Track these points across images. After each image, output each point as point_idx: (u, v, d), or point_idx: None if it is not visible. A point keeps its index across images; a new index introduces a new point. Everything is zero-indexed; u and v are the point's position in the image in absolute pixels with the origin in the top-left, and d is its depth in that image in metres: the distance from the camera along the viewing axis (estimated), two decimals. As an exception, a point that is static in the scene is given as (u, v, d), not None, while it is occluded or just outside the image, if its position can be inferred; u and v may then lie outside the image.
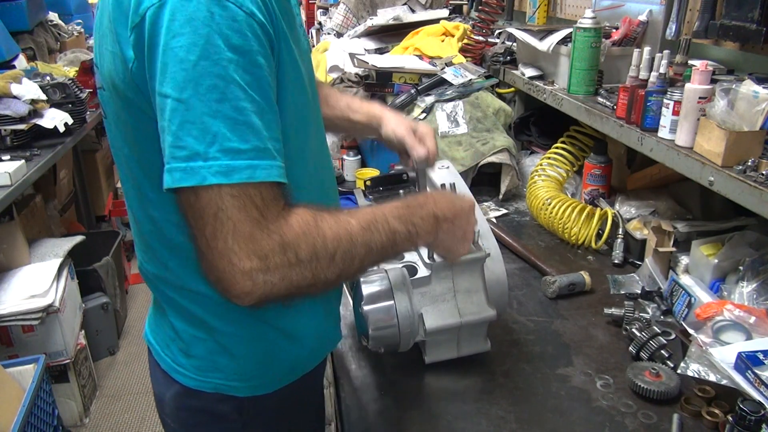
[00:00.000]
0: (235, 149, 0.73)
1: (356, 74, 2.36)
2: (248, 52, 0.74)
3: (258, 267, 0.74)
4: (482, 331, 1.15)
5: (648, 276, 1.44)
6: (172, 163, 0.73)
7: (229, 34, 0.72)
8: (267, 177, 0.75)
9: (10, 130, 2.57)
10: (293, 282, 0.78)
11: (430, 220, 0.93)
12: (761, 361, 1.00)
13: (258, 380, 1.00)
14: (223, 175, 0.72)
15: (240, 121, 0.73)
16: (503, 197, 1.97)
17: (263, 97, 0.76)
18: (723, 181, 1.15)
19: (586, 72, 1.66)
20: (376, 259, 0.89)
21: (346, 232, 0.82)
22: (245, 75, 0.73)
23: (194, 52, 0.71)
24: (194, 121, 0.71)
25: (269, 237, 0.75)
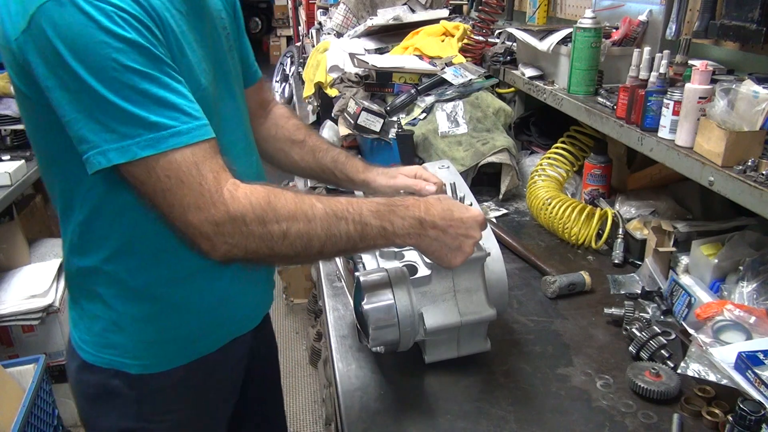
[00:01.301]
0: (152, 122, 0.82)
1: (356, 74, 2.36)
2: (132, 39, 0.82)
3: (212, 231, 0.84)
4: (482, 330, 1.15)
5: (648, 276, 1.44)
6: (104, 146, 0.82)
7: (109, 28, 0.80)
8: (191, 139, 0.84)
9: (10, 130, 2.58)
10: (249, 249, 0.87)
11: (412, 222, 0.95)
12: (761, 361, 1.00)
13: (149, 359, 1.06)
14: (151, 146, 0.82)
15: (147, 101, 0.82)
16: (503, 197, 1.97)
17: (162, 72, 0.85)
18: (723, 181, 1.15)
19: (586, 72, 1.66)
20: (343, 247, 0.93)
21: (303, 213, 0.88)
22: (138, 57, 0.82)
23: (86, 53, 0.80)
24: (108, 110, 0.81)
25: (215, 207, 0.84)
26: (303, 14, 5.49)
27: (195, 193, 0.83)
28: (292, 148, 1.33)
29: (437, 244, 0.98)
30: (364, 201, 0.94)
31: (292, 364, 3.22)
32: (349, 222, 0.90)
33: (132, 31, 0.82)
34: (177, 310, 1.05)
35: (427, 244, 0.98)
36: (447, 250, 0.99)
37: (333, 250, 0.92)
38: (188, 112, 0.85)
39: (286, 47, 8.78)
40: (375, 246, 0.97)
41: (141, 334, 1.04)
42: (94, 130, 0.82)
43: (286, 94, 6.37)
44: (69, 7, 0.79)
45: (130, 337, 1.04)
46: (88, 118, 0.82)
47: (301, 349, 3.34)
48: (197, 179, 0.84)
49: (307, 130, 1.36)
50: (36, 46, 0.81)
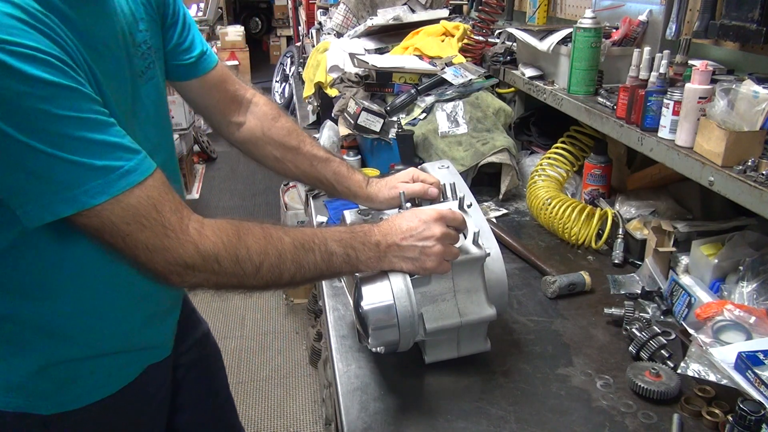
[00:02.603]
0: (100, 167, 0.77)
1: (356, 74, 2.36)
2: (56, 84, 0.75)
3: (182, 270, 0.82)
4: (482, 330, 1.15)
5: (648, 276, 1.44)
6: (46, 198, 0.76)
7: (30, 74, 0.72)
8: (141, 175, 0.80)
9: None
10: (220, 285, 0.87)
11: (370, 246, 0.99)
12: (761, 361, 1.00)
13: (61, 397, 1.00)
14: (102, 193, 0.77)
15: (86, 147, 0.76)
16: (503, 197, 1.97)
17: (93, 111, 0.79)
18: (723, 181, 1.15)
19: (586, 72, 1.66)
20: (311, 276, 0.95)
21: (274, 248, 0.88)
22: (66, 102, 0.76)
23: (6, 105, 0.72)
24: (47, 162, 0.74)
25: (183, 248, 0.82)
26: (303, 14, 5.49)
27: (159, 235, 0.80)
28: (285, 155, 1.28)
29: (397, 259, 1.01)
30: (327, 231, 0.97)
31: (292, 364, 3.22)
32: (316, 253, 0.93)
33: (55, 74, 0.75)
34: (83, 346, 0.99)
35: (391, 263, 1.01)
36: (411, 261, 1.01)
37: (300, 280, 0.94)
38: (127, 146, 0.81)
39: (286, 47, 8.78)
40: (340, 273, 1.01)
41: (42, 379, 0.97)
42: (31, 182, 0.76)
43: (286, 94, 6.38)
44: None
45: (32, 381, 0.97)
46: (21, 172, 0.75)
47: (301, 349, 3.34)
48: (159, 221, 0.80)
49: (299, 134, 1.30)
50: None
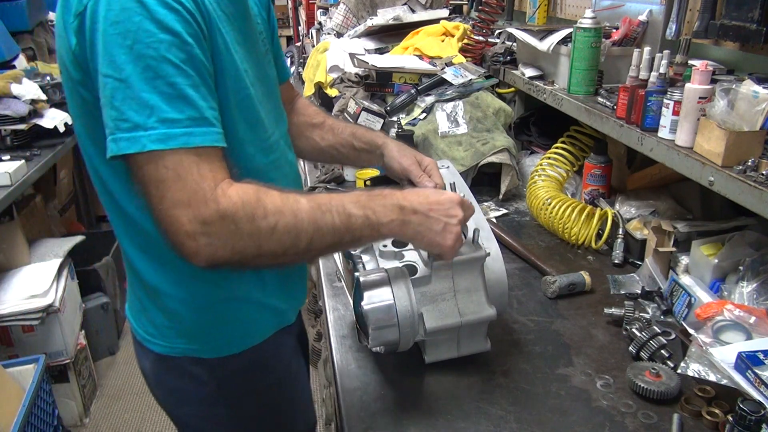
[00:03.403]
0: (171, 119, 0.81)
1: (356, 74, 2.36)
2: (179, 33, 0.82)
3: (199, 230, 0.82)
4: (482, 330, 1.15)
5: (648, 276, 1.44)
6: (117, 134, 0.81)
7: (160, 18, 0.81)
8: (203, 142, 0.84)
9: (10, 130, 2.58)
10: (236, 249, 0.85)
11: (393, 208, 0.96)
12: (761, 361, 1.00)
13: (216, 342, 1.07)
14: (161, 141, 0.81)
15: (173, 95, 0.82)
16: (503, 197, 1.97)
17: (197, 72, 0.84)
18: (723, 181, 1.15)
19: (586, 72, 1.66)
20: (330, 241, 0.92)
21: (290, 207, 0.88)
22: (179, 53, 0.82)
23: (129, 37, 0.80)
24: (134, 97, 0.80)
25: (206, 205, 0.82)
26: (303, 14, 5.49)
27: (189, 190, 0.82)
28: (313, 131, 1.35)
29: (422, 228, 0.98)
30: (344, 194, 0.95)
31: (292, 364, 3.21)
32: (333, 214, 0.90)
33: (181, 24, 0.82)
34: (231, 294, 1.06)
35: (412, 230, 0.98)
36: (434, 233, 0.99)
37: (320, 244, 0.91)
38: (207, 116, 0.85)
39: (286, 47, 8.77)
40: (361, 238, 0.97)
41: (205, 320, 1.05)
42: (111, 116, 0.82)
43: (286, 94, 6.37)
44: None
45: (195, 324, 1.05)
46: (110, 103, 0.82)
47: (301, 349, 3.33)
48: (195, 177, 0.83)
49: (325, 114, 1.39)
50: (87, 25, 0.82)
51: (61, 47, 0.90)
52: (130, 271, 1.08)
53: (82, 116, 0.94)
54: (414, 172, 1.22)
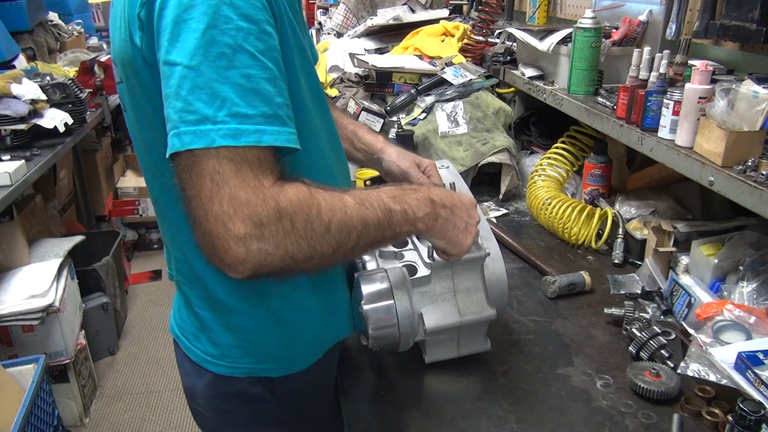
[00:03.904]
0: (243, 114, 0.74)
1: (356, 74, 2.36)
2: (258, 21, 0.76)
3: (252, 233, 0.74)
4: (482, 330, 1.15)
5: (648, 276, 1.44)
6: (182, 127, 0.74)
7: (238, 3, 0.74)
8: (274, 141, 0.76)
9: (10, 130, 2.57)
10: (288, 252, 0.77)
11: (426, 202, 0.94)
12: (761, 361, 1.00)
13: (286, 359, 1.02)
14: (232, 137, 0.73)
15: (247, 87, 0.75)
16: (503, 197, 1.97)
17: (275, 64, 0.78)
18: (723, 181, 1.15)
19: (586, 72, 1.66)
20: (374, 237, 0.88)
21: (340, 203, 0.83)
22: (257, 42, 0.76)
23: (203, 21, 0.73)
24: (203, 87, 0.73)
25: (265, 203, 0.75)
26: (303, 14, 5.48)
27: (249, 186, 0.74)
28: None
29: (448, 224, 0.97)
30: (378, 189, 0.91)
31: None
32: (376, 209, 0.87)
33: (261, 11, 0.77)
34: (301, 309, 1.01)
35: (441, 225, 0.96)
36: (458, 231, 0.99)
37: (366, 241, 0.87)
38: (280, 114, 0.78)
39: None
40: (400, 233, 0.94)
41: (274, 336, 1.00)
42: (176, 107, 0.74)
43: (286, 94, 6.37)
44: None
45: (268, 341, 1.00)
46: (176, 92, 0.74)
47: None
48: (257, 173, 0.75)
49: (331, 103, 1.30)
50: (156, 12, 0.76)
51: (124, 52, 0.84)
52: (195, 287, 1.00)
53: (152, 128, 0.88)
54: (413, 173, 1.22)
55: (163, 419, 2.70)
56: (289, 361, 1.03)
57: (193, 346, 1.04)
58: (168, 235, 1.01)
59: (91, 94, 3.20)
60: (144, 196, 4.06)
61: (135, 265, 4.03)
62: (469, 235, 1.01)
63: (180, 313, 1.08)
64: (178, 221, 0.94)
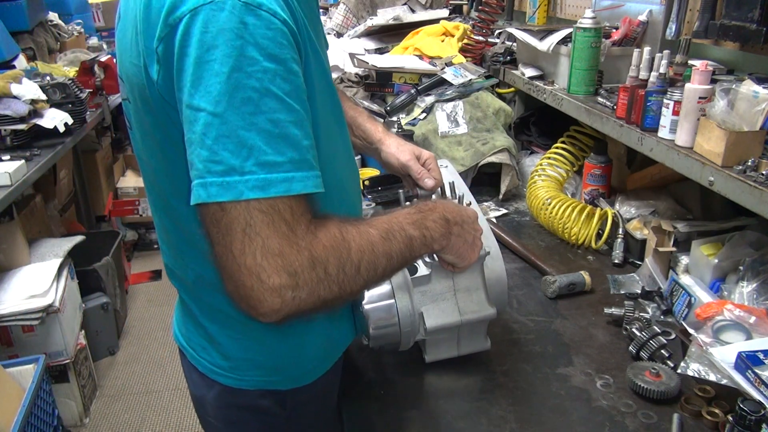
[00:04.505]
0: (270, 162, 0.71)
1: (356, 74, 2.36)
2: (285, 60, 0.73)
3: (287, 284, 0.72)
4: (482, 329, 1.15)
5: (648, 276, 1.44)
6: (208, 178, 0.71)
7: (264, 43, 0.71)
8: (303, 189, 0.74)
9: (10, 130, 2.57)
10: (321, 297, 0.76)
11: (441, 222, 0.95)
12: (761, 361, 1.00)
13: (295, 371, 1.01)
14: (260, 189, 0.71)
15: (275, 133, 0.72)
16: (503, 197, 1.97)
17: (301, 105, 0.75)
18: (723, 181, 1.15)
19: (586, 72, 1.66)
20: (396, 267, 0.88)
21: (368, 242, 0.82)
22: (284, 84, 0.72)
23: (227, 64, 0.69)
24: (229, 135, 0.70)
25: (299, 253, 0.73)
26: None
27: (281, 236, 0.72)
28: None
29: (459, 240, 0.99)
30: (399, 215, 0.91)
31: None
32: (398, 240, 0.86)
33: (287, 49, 0.73)
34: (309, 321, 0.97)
35: (453, 242, 0.98)
36: (467, 245, 1.01)
37: (388, 271, 0.87)
38: (308, 158, 0.75)
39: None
40: (418, 257, 0.95)
41: (285, 349, 0.99)
42: (201, 156, 0.71)
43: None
44: (227, 12, 0.69)
45: (275, 353, 0.99)
46: (201, 141, 0.71)
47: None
48: (289, 223, 0.73)
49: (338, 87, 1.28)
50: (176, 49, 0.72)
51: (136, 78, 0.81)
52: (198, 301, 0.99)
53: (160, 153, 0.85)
54: (413, 167, 1.21)
55: (163, 419, 2.70)
56: (299, 373, 1.02)
57: (201, 358, 1.02)
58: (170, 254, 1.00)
59: (91, 94, 3.20)
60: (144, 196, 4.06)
61: (135, 265, 4.03)
62: (476, 248, 1.04)
63: (185, 322, 1.06)
64: (182, 245, 0.94)
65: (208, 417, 1.09)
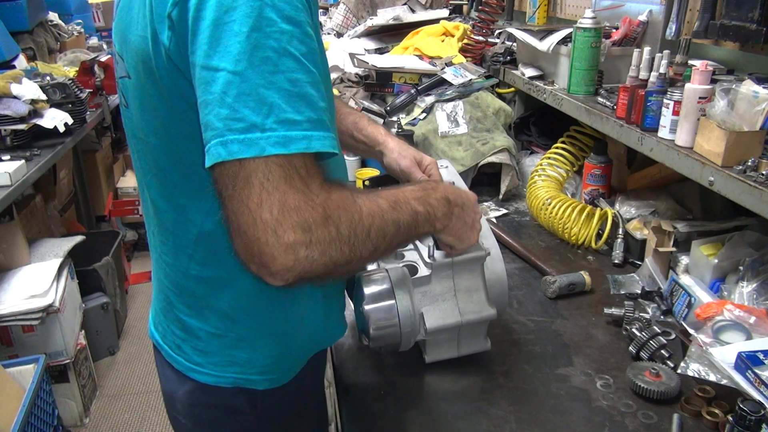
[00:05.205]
0: (291, 120, 0.72)
1: (356, 74, 2.36)
2: (301, 23, 0.74)
3: (301, 240, 0.72)
4: (482, 330, 1.15)
5: (648, 276, 1.44)
6: (228, 135, 0.71)
7: (281, 5, 0.72)
8: (322, 147, 0.75)
9: (10, 130, 2.57)
10: (332, 258, 0.76)
11: (443, 202, 0.96)
12: (761, 361, 1.00)
13: (274, 373, 1.01)
14: (282, 145, 0.72)
15: (294, 92, 0.73)
16: (503, 197, 1.97)
17: (316, 67, 0.76)
18: (723, 181, 1.15)
19: (586, 72, 1.66)
20: (402, 239, 0.89)
21: (378, 208, 0.83)
22: (300, 46, 0.74)
23: (247, 24, 0.71)
24: (250, 93, 0.71)
25: (314, 209, 0.73)
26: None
27: (298, 192, 0.72)
28: None
29: (459, 221, 1.00)
30: (404, 189, 0.92)
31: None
32: (405, 212, 0.88)
33: (303, 13, 0.75)
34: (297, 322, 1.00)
35: (454, 223, 0.99)
36: (467, 227, 1.02)
37: (395, 243, 0.88)
38: (324, 119, 0.76)
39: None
40: (422, 233, 0.96)
41: (267, 348, 0.99)
42: (220, 115, 0.71)
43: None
44: None
45: (257, 351, 0.98)
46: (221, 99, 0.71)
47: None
48: (305, 178, 0.73)
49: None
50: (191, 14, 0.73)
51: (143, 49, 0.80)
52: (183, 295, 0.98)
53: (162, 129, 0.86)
54: (414, 174, 1.22)
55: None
56: (277, 374, 1.01)
57: (176, 355, 1.02)
58: (160, 238, 0.98)
59: (91, 94, 3.20)
60: (144, 196, 4.06)
61: (135, 265, 4.03)
62: (475, 231, 1.05)
63: (160, 319, 1.05)
64: (174, 226, 0.93)
65: (177, 415, 1.09)
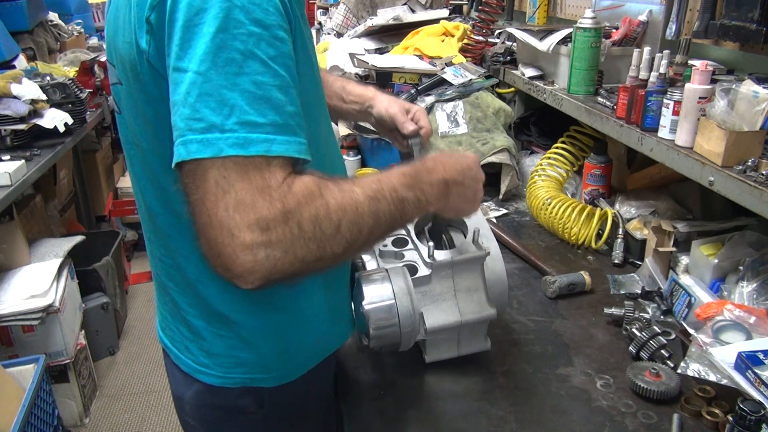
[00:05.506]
0: (252, 122, 0.72)
1: (356, 74, 2.36)
2: (270, 26, 0.74)
3: (259, 240, 0.71)
4: (482, 330, 1.15)
5: (648, 276, 1.44)
6: (188, 135, 0.71)
7: (250, 8, 0.72)
8: (284, 152, 0.74)
9: (10, 130, 2.57)
10: (298, 256, 0.74)
11: (439, 185, 0.92)
12: (761, 361, 1.00)
13: (281, 370, 1.01)
14: (240, 147, 0.71)
15: (258, 95, 0.72)
16: (503, 197, 1.97)
17: (287, 71, 0.75)
18: (723, 181, 1.15)
19: (586, 72, 1.66)
20: (385, 229, 0.87)
21: (351, 201, 0.79)
22: (269, 49, 0.73)
23: (213, 25, 0.71)
24: (211, 93, 0.71)
25: (271, 205, 0.72)
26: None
27: (254, 188, 0.71)
28: None
29: (459, 198, 0.97)
30: (392, 175, 0.88)
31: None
32: (388, 201, 0.84)
33: (273, 16, 0.74)
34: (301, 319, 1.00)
35: (450, 202, 0.96)
36: (467, 201, 0.99)
37: (376, 235, 0.85)
38: (291, 124, 0.75)
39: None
40: (411, 219, 0.93)
41: (271, 348, 0.98)
42: (183, 115, 0.71)
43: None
44: None
45: (261, 352, 0.98)
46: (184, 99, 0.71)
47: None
48: (265, 176, 0.72)
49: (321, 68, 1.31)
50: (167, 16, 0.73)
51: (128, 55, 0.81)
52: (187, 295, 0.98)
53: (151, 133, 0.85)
54: (399, 118, 1.20)
55: (163, 419, 2.70)
56: (285, 371, 1.01)
57: (184, 356, 1.02)
58: (157, 243, 0.98)
59: (91, 94, 3.20)
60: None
61: (135, 265, 4.03)
62: (476, 201, 1.01)
63: (167, 321, 1.06)
64: (171, 229, 0.93)
65: (186, 417, 1.08)
